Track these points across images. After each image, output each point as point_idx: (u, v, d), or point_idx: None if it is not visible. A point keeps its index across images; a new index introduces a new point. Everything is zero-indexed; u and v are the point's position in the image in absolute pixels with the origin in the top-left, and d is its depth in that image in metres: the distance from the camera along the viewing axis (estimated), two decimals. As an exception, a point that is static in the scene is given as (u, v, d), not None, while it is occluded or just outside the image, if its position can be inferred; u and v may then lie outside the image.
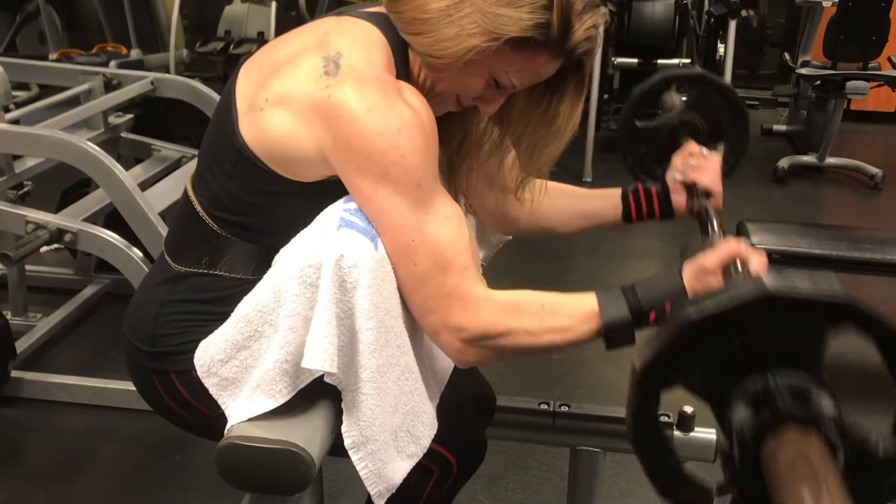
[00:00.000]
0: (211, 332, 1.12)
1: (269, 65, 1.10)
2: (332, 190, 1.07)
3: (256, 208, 1.11)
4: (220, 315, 1.11)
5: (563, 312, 1.06)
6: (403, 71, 1.11)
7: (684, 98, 1.49)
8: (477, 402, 1.38)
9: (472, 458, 1.30)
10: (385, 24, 1.10)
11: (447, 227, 1.05)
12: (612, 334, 1.05)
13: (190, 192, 1.17)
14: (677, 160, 1.37)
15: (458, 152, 1.25)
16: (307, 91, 1.02)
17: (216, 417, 1.12)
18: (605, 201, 1.39)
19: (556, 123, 1.15)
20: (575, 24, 1.04)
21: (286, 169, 1.07)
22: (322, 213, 1.07)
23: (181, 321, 1.15)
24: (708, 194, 1.33)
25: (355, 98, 1.00)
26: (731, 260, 1.05)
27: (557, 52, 1.06)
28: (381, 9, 1.13)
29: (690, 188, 1.35)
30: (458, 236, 1.06)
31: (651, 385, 0.75)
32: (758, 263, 1.04)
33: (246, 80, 1.11)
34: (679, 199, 1.36)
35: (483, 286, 1.07)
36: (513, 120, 1.20)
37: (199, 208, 1.14)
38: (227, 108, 1.11)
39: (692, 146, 1.38)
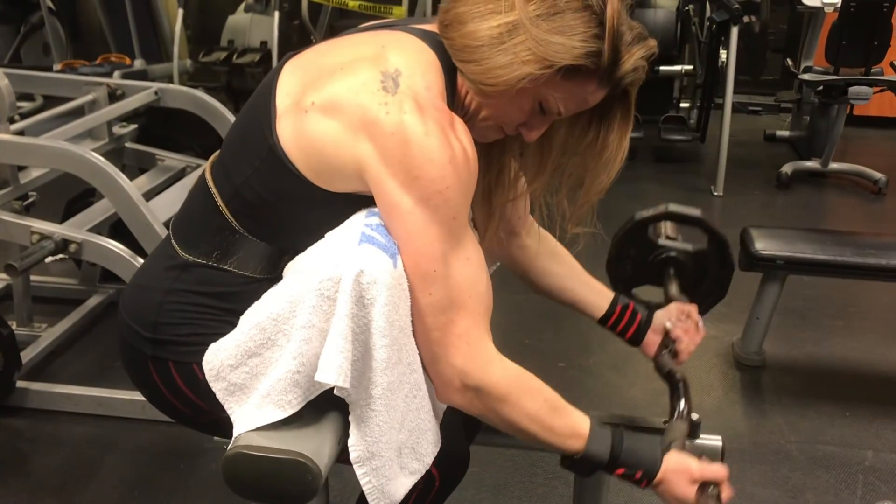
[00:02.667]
0: (213, 327, 1.12)
1: (320, 67, 1.09)
2: (354, 203, 1.08)
3: (276, 209, 1.11)
4: (223, 311, 1.12)
5: (559, 416, 1.14)
6: (451, 95, 1.11)
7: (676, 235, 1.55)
8: (461, 415, 1.37)
9: (454, 472, 1.29)
10: (438, 47, 1.10)
11: (468, 267, 1.07)
12: (581, 464, 1.15)
13: (210, 184, 1.16)
14: (675, 309, 1.45)
15: (495, 183, 1.28)
16: (361, 102, 1.02)
17: (208, 411, 1.12)
18: (597, 298, 1.46)
19: (605, 153, 1.17)
20: (624, 55, 1.06)
21: (317, 175, 1.07)
22: (342, 226, 1.07)
23: (185, 311, 1.15)
24: (675, 354, 1.42)
25: (414, 120, 1.00)
26: (713, 481, 1.13)
27: (606, 81, 1.08)
28: (433, 27, 1.13)
29: (666, 340, 1.44)
30: (476, 280, 1.08)
31: None
32: (727, 494, 1.14)
33: (291, 77, 1.10)
34: (654, 338, 1.45)
35: (492, 343, 1.10)
36: (554, 148, 1.22)
37: (219, 201, 1.14)
38: (265, 103, 1.10)
39: (694, 311, 1.46)
